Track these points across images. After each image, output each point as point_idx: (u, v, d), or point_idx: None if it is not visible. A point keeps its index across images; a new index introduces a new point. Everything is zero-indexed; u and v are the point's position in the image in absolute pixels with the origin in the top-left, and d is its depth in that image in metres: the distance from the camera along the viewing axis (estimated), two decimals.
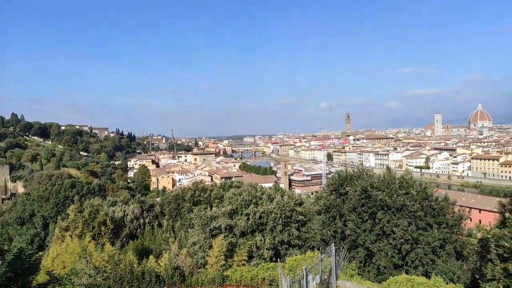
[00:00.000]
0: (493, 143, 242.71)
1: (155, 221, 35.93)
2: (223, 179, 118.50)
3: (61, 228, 29.32)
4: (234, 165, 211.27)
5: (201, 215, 23.21)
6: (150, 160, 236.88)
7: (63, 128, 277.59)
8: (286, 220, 22.12)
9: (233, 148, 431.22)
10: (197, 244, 21.90)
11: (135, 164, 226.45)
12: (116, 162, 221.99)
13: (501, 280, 13.62)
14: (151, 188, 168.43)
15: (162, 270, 15.84)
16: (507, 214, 15.28)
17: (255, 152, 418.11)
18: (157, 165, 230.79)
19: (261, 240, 21.03)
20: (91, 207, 30.76)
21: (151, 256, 19.10)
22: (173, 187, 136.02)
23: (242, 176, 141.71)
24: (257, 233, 21.75)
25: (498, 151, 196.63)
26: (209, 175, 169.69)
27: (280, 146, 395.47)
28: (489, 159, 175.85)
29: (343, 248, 18.31)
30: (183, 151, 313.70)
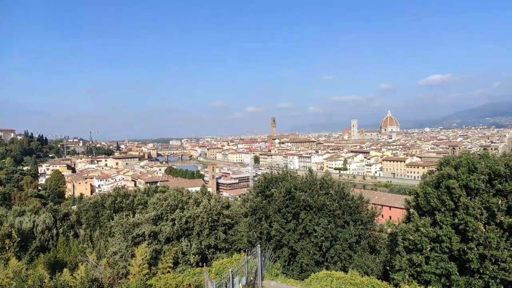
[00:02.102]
0: (401, 146, 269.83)
1: (70, 231, 33.08)
2: (148, 184, 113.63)
3: None
4: (160, 169, 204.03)
5: (123, 222, 21.96)
6: (65, 165, 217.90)
7: None
8: (213, 224, 21.96)
9: (159, 152, 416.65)
10: (118, 254, 20.64)
11: (48, 169, 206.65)
12: (25, 168, 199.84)
13: (407, 270, 15.08)
14: (66, 196, 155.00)
15: (78, 284, 14.62)
16: (411, 210, 16.99)
17: (182, 155, 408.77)
18: (73, 170, 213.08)
19: (187, 245, 20.58)
20: None
21: (65, 269, 17.51)
22: (91, 194, 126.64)
23: (168, 181, 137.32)
24: (183, 238, 21.24)
25: (404, 154, 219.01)
26: (132, 180, 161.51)
27: (208, 149, 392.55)
28: (397, 161, 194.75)
29: (268, 248, 18.76)
30: (103, 155, 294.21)
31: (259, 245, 14.69)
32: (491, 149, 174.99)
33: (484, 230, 13.27)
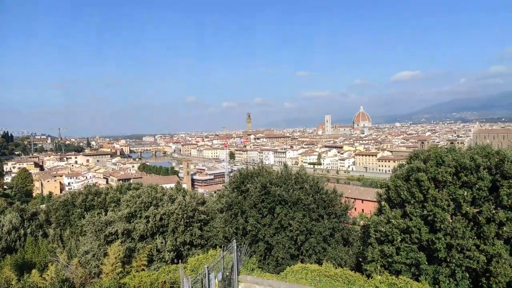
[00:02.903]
0: (372, 141, 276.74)
1: (39, 231, 31.93)
2: (120, 181, 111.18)
3: None
4: (133, 166, 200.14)
5: (95, 220, 21.40)
6: (33, 163, 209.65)
7: None
8: (188, 220, 21.78)
9: (131, 148, 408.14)
10: (90, 253, 20.12)
11: (14, 167, 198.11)
12: None
13: (379, 261, 15.55)
14: (34, 195, 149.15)
15: (48, 285, 14.17)
16: (382, 203, 17.49)
17: (155, 152, 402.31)
18: (42, 168, 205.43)
19: (162, 242, 20.32)
20: None
21: (34, 270, 16.89)
22: (61, 192, 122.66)
23: (141, 177, 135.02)
24: (157, 235, 20.95)
25: (376, 148, 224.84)
26: (104, 178, 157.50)
27: (182, 145, 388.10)
28: (369, 155, 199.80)
29: (244, 243, 18.80)
30: (73, 152, 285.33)
31: (235, 241, 14.69)
32: (458, 143, 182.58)
33: (451, 220, 13.85)
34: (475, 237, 13.68)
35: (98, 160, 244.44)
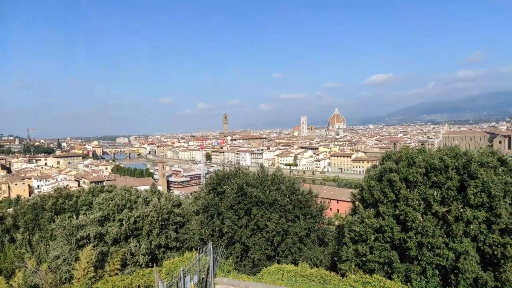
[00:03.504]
0: (347, 142, 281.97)
1: (5, 235, 30.66)
2: (93, 183, 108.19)
3: None
4: (106, 168, 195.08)
5: (65, 224, 20.72)
6: None
7: None
8: (163, 223, 21.46)
9: (105, 150, 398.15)
10: (60, 258, 19.46)
11: None
12: None
13: (353, 260, 15.82)
14: (0, 198, 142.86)
15: None
16: (356, 203, 17.83)
17: (129, 153, 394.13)
18: (9, 171, 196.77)
19: (136, 246, 19.92)
20: None
21: (0, 277, 16.19)
22: (30, 195, 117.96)
23: (115, 180, 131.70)
24: (132, 239, 20.53)
25: (351, 149, 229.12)
26: (75, 180, 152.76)
27: (158, 147, 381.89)
28: (344, 156, 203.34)
29: (221, 245, 18.71)
30: (43, 154, 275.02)
31: (211, 243, 14.59)
32: (428, 144, 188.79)
33: (421, 219, 14.27)
34: (444, 235, 14.15)
35: (69, 162, 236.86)
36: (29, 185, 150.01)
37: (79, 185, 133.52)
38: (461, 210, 13.90)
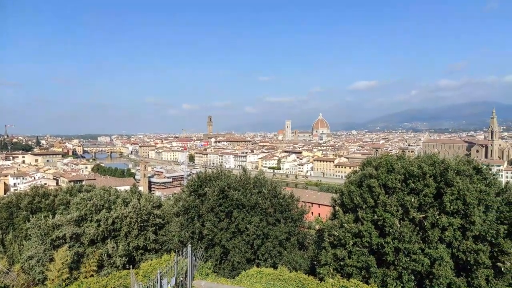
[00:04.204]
0: (330, 147, 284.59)
1: None
2: (72, 182, 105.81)
3: None
4: (86, 167, 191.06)
5: (41, 224, 20.16)
6: None
7: None
8: (142, 224, 21.15)
9: (85, 148, 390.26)
10: (34, 258, 18.89)
11: None
12: None
13: (331, 264, 15.95)
14: None
15: None
16: (337, 208, 18.01)
17: (111, 153, 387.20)
18: None
19: (113, 247, 19.55)
20: None
21: None
22: (5, 193, 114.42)
23: (95, 179, 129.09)
24: (109, 240, 20.13)
25: (333, 154, 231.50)
26: (54, 179, 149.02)
27: (140, 147, 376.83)
28: (327, 161, 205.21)
29: (200, 248, 18.56)
30: (21, 151, 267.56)
31: (190, 245, 14.46)
32: (409, 151, 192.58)
33: (399, 225, 14.51)
34: (420, 241, 14.42)
35: (48, 160, 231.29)
36: (4, 182, 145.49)
37: (57, 184, 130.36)
38: (437, 217, 14.22)
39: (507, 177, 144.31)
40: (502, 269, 13.88)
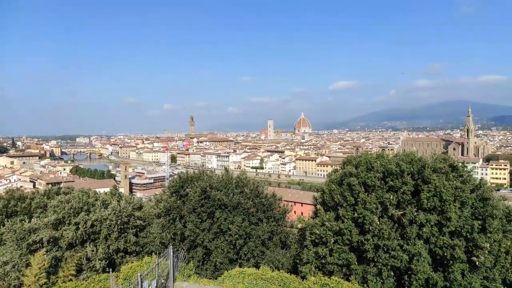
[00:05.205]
0: (312, 146, 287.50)
1: None
2: (50, 185, 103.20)
3: None
4: (64, 169, 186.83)
5: (16, 228, 19.57)
6: None
7: None
8: (122, 227, 20.81)
9: (63, 150, 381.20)
10: (9, 263, 18.31)
11: None
12: None
13: (313, 262, 16.11)
14: None
15: None
16: (318, 206, 18.20)
17: (90, 154, 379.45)
18: None
19: (92, 250, 19.16)
20: None
21: None
22: None
23: (73, 181, 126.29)
24: (88, 243, 19.72)
25: (315, 153, 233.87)
26: (31, 181, 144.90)
27: (121, 147, 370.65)
28: (309, 160, 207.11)
29: (182, 249, 18.41)
30: None
31: (171, 246, 14.31)
32: (388, 149, 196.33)
33: (378, 222, 14.79)
34: (399, 238, 14.74)
35: (24, 162, 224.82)
36: None
37: (34, 186, 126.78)
38: (415, 214, 14.56)
39: (482, 173, 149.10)
40: (477, 263, 14.34)
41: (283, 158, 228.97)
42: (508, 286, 15.87)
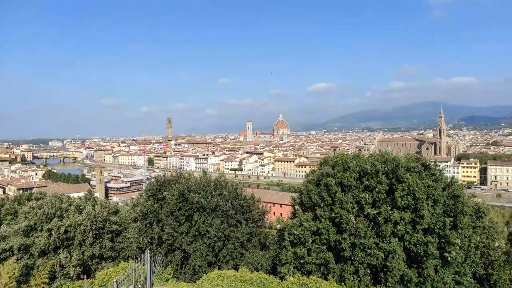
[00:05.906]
0: (291, 148, 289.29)
1: None
2: (21, 190, 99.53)
3: None
4: (36, 174, 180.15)
5: None
6: None
7: None
8: (98, 232, 20.30)
9: (35, 154, 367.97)
10: None
11: None
12: None
13: (292, 262, 16.21)
14: None
15: None
16: (296, 207, 18.34)
17: (64, 158, 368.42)
18: None
19: (66, 257, 18.60)
20: None
21: None
22: None
23: (46, 186, 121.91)
24: (62, 250, 19.14)
25: (294, 154, 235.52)
26: (0, 187, 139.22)
27: (96, 151, 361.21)
28: (287, 161, 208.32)
29: (160, 253, 18.13)
30: None
31: (148, 251, 14.08)
32: (365, 150, 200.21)
33: (355, 221, 15.05)
34: (375, 236, 15.05)
35: None
36: None
37: (4, 192, 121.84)
38: (390, 212, 14.90)
39: (453, 172, 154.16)
40: (449, 259, 14.82)
41: (262, 160, 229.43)
42: (478, 280, 16.47)
